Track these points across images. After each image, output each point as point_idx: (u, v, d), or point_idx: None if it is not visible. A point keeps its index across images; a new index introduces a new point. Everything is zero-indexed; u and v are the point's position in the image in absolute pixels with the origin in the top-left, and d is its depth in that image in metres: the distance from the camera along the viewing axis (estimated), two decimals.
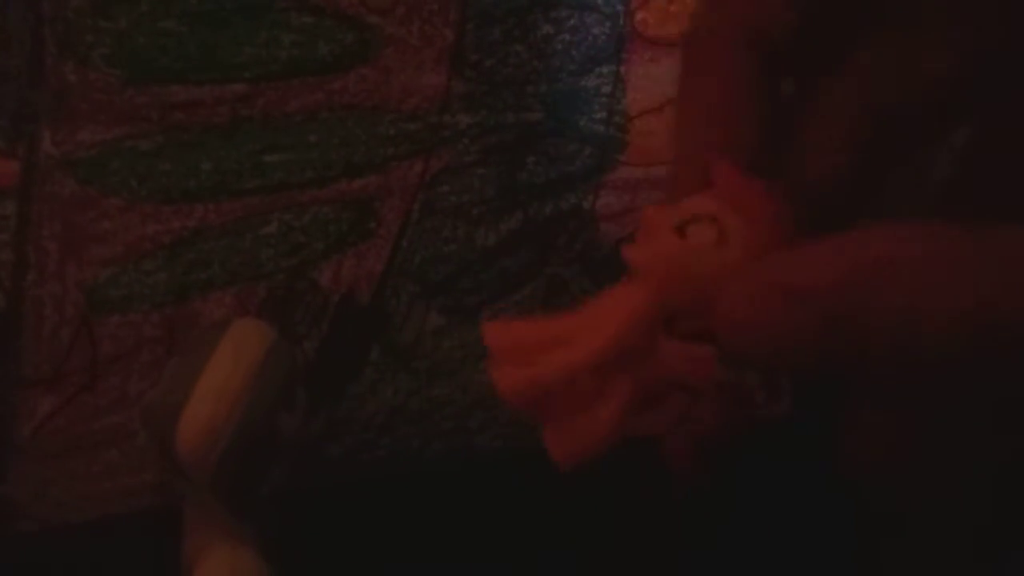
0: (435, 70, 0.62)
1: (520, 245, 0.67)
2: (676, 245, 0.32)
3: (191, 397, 0.52)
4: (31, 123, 0.56)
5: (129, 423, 0.61)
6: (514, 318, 0.34)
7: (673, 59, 0.67)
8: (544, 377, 0.32)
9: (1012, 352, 0.27)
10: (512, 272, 0.67)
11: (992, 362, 0.27)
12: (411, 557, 0.63)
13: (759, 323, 0.29)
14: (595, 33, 0.65)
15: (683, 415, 0.35)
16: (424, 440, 0.68)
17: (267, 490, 0.56)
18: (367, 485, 0.66)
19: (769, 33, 0.35)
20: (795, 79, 0.36)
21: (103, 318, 0.60)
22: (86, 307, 0.59)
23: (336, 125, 0.61)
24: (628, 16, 0.65)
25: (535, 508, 0.67)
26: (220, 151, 0.59)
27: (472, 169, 0.64)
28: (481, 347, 0.67)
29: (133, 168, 0.58)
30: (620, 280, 0.32)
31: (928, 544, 0.47)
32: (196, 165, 0.59)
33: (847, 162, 0.35)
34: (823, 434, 0.46)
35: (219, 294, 0.61)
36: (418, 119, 0.63)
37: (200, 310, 0.61)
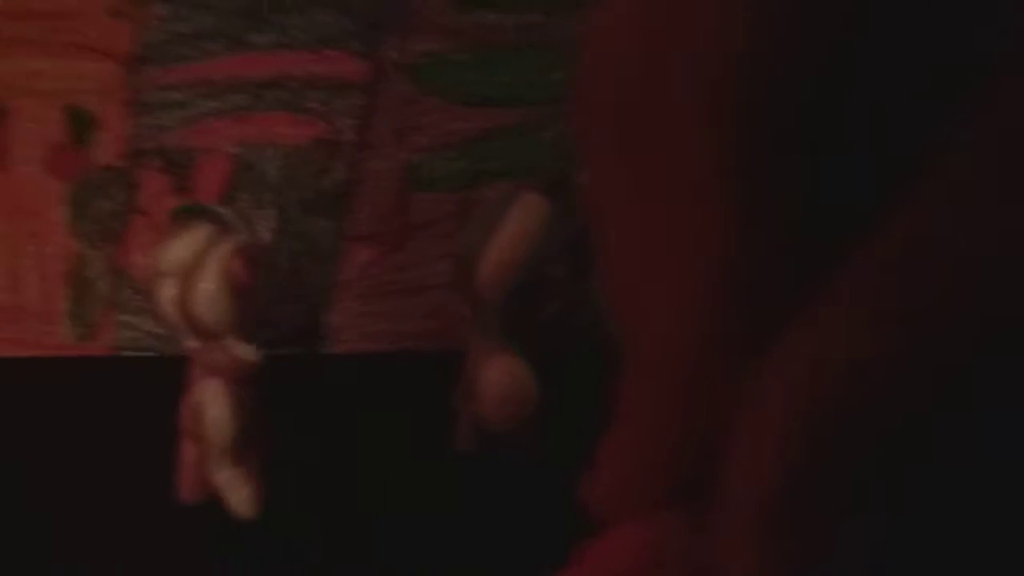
0: None
1: None
2: None
3: (490, 244, 0.69)
4: (381, 32, 0.76)
5: (426, 279, 0.78)
6: None
7: None
8: None
9: None
10: None
11: None
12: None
13: None
14: None
15: None
16: None
17: (539, 322, 0.71)
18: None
19: None
20: None
21: (415, 193, 0.77)
22: (403, 182, 0.77)
23: None
24: None
25: None
26: (514, 67, 0.76)
27: None
28: None
29: (449, 75, 0.76)
30: None
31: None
32: (494, 77, 0.76)
33: None
34: None
35: (503, 183, 0.77)
36: None
37: (487, 195, 0.77)
